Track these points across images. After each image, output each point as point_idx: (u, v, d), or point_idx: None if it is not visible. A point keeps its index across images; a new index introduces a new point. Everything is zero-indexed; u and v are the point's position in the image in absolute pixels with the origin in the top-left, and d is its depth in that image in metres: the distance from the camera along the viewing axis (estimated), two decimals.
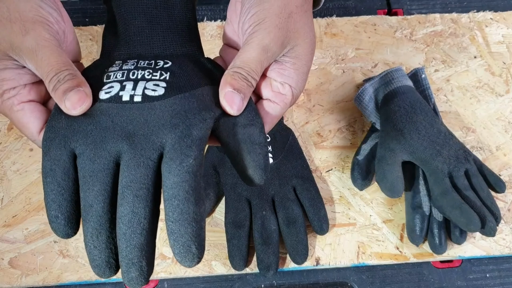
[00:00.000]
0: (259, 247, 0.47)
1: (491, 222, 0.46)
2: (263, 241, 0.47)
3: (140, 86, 0.31)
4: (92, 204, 0.28)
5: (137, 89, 0.31)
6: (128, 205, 0.28)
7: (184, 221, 0.28)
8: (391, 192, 0.49)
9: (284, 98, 0.35)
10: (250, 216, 0.49)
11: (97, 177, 0.29)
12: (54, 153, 0.29)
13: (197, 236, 0.28)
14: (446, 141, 0.50)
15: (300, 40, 0.34)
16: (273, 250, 0.47)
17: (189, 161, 0.29)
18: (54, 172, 0.29)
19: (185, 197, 0.28)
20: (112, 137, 0.30)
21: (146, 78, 0.32)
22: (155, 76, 0.32)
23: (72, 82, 0.31)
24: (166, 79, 0.32)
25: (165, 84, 0.31)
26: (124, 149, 0.29)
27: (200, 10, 0.67)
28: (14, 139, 0.56)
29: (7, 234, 0.51)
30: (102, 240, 0.28)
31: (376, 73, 0.60)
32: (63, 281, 0.48)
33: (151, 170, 0.29)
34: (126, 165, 0.29)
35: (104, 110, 0.31)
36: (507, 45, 0.63)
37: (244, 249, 0.48)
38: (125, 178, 0.29)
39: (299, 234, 0.48)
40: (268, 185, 0.50)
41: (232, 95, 0.32)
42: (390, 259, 0.50)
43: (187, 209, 0.28)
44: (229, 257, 0.48)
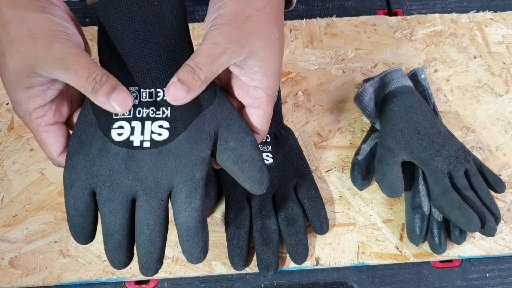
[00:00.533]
0: (259, 247, 0.47)
1: (491, 222, 0.46)
2: (263, 241, 0.47)
3: (147, 129, 0.35)
4: (113, 233, 0.35)
5: (145, 134, 0.35)
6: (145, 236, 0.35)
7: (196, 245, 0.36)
8: (391, 192, 0.49)
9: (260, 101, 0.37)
10: (250, 216, 0.49)
11: (116, 214, 0.35)
12: (76, 192, 0.35)
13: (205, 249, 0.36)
14: (445, 141, 0.50)
15: (261, 42, 0.35)
16: (273, 250, 0.47)
17: (196, 202, 0.35)
18: (77, 208, 0.35)
19: (195, 230, 0.35)
20: (126, 181, 0.35)
21: (150, 117, 0.35)
22: (158, 115, 0.36)
23: (111, 83, 0.32)
24: (167, 117, 0.36)
25: (168, 124, 0.35)
26: (138, 191, 0.35)
27: (200, 10, 0.67)
28: (14, 139, 0.56)
29: (7, 234, 0.51)
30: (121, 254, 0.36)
31: (376, 73, 0.60)
32: (63, 281, 0.48)
33: (163, 208, 0.35)
34: (142, 206, 0.35)
35: (118, 153, 0.35)
36: (507, 45, 0.63)
37: (244, 249, 0.48)
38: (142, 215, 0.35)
39: (299, 234, 0.48)
40: (270, 185, 0.50)
41: (174, 86, 0.33)
42: (390, 259, 0.50)
43: (197, 237, 0.35)
44: (229, 257, 0.48)
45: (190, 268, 0.49)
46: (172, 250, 0.50)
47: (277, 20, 0.37)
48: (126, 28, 0.35)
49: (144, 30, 0.35)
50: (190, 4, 0.68)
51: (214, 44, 0.34)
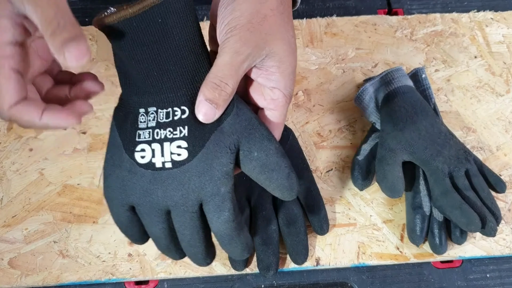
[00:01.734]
0: (259, 247, 0.47)
1: (492, 222, 0.46)
2: (263, 241, 0.47)
3: (166, 151, 0.35)
4: (157, 240, 0.39)
5: (165, 155, 0.35)
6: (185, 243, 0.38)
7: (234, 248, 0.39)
8: (391, 192, 0.48)
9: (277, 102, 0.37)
10: (250, 216, 0.49)
11: (155, 225, 0.37)
12: (116, 209, 0.38)
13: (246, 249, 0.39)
14: (446, 141, 0.50)
15: (278, 41, 0.35)
16: (273, 251, 0.47)
17: (224, 215, 0.36)
18: (122, 221, 0.39)
19: (229, 238, 0.37)
20: (156, 199, 0.36)
21: (168, 138, 0.35)
22: (175, 135, 0.35)
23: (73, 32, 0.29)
24: (185, 136, 0.35)
25: (186, 143, 0.35)
26: (170, 207, 0.37)
27: (200, 10, 0.67)
28: (13, 139, 0.56)
29: (7, 234, 0.51)
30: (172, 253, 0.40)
31: (376, 73, 0.60)
32: (62, 281, 0.48)
33: (196, 219, 0.37)
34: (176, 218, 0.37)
35: (144, 175, 0.36)
36: (508, 45, 0.63)
37: None
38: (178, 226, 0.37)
39: (299, 235, 0.48)
40: None
41: (203, 105, 0.34)
42: (390, 259, 0.50)
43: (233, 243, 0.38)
44: (229, 257, 0.48)
45: (190, 269, 0.49)
46: None
47: (290, 19, 0.36)
48: (135, 51, 0.34)
49: (153, 50, 0.34)
50: None
51: (235, 53, 0.33)
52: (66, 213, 0.52)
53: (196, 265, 0.49)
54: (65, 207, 0.52)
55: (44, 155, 0.55)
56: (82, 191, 0.53)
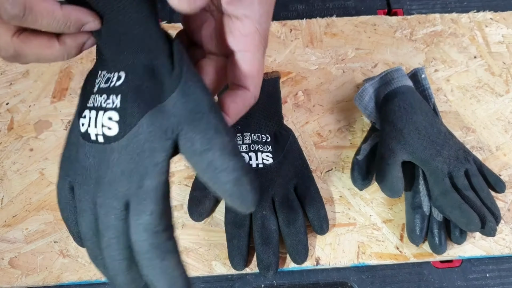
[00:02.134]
0: (259, 247, 0.47)
1: (491, 222, 0.46)
2: (263, 241, 0.47)
3: (99, 121, 0.30)
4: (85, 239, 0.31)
5: (98, 126, 0.30)
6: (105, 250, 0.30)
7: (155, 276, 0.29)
8: (391, 192, 0.49)
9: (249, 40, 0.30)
10: (250, 216, 0.49)
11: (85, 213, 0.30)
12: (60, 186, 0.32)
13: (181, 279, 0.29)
14: (446, 141, 0.50)
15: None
16: (273, 250, 0.47)
17: (144, 218, 0.28)
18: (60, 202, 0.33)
19: (148, 253, 0.28)
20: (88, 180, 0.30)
21: (102, 107, 0.30)
22: (108, 104, 0.30)
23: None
24: (117, 108, 0.29)
25: (117, 115, 0.29)
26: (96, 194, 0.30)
27: None
28: (14, 139, 0.56)
29: (7, 234, 0.51)
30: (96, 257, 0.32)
31: (376, 73, 0.60)
32: (63, 281, 0.48)
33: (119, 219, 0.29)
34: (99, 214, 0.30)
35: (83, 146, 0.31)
36: (507, 45, 0.63)
37: (244, 249, 0.48)
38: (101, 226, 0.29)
39: (299, 234, 0.48)
40: (268, 184, 0.50)
41: None
42: (390, 259, 0.50)
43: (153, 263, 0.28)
44: (229, 257, 0.48)
45: (190, 268, 0.49)
46: None
47: None
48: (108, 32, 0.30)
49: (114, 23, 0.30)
50: None
51: None
52: None
53: (196, 265, 0.49)
54: None
55: (45, 155, 0.55)
56: None
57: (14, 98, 0.59)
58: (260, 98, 0.34)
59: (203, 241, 0.50)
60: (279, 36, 0.64)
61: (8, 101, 0.58)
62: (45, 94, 0.59)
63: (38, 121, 0.57)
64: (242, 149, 0.52)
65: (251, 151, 0.52)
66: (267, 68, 0.61)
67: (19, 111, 0.58)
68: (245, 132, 0.53)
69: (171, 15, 0.67)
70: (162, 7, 0.68)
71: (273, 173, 0.51)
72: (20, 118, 0.57)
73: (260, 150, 0.52)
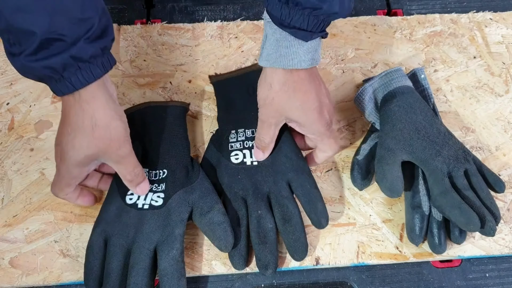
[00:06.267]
0: (256, 247, 0.47)
1: (491, 222, 0.46)
2: (260, 240, 0.47)
3: (148, 197, 0.50)
4: (110, 273, 0.45)
5: (147, 200, 0.49)
6: (132, 277, 0.45)
7: None
8: (390, 192, 0.49)
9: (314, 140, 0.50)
10: (247, 215, 0.49)
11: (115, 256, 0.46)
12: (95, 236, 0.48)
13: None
14: (445, 141, 0.50)
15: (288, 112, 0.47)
16: (270, 249, 0.47)
17: (173, 252, 0.46)
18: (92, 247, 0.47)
19: (171, 276, 0.45)
20: (128, 232, 0.47)
21: (152, 190, 0.50)
22: (157, 189, 0.50)
23: (141, 178, 0.49)
24: (163, 190, 0.50)
25: (163, 194, 0.49)
26: (134, 242, 0.47)
27: (200, 10, 0.67)
28: (14, 139, 0.56)
29: (8, 234, 0.51)
30: None
31: (375, 73, 0.60)
32: (63, 281, 0.48)
33: (149, 257, 0.46)
34: (134, 253, 0.46)
35: (127, 212, 0.49)
36: (507, 45, 0.63)
37: (243, 248, 0.48)
38: (132, 261, 0.46)
39: (296, 232, 0.47)
40: (263, 183, 0.50)
41: (255, 149, 0.52)
42: (390, 259, 0.50)
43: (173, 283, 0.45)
44: (229, 256, 0.48)
45: (190, 268, 0.49)
46: None
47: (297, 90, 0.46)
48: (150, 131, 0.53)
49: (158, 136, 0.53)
50: (190, 4, 0.68)
51: (261, 121, 0.49)
52: (67, 213, 0.52)
53: (196, 265, 0.49)
54: (66, 207, 0.52)
55: (45, 155, 0.55)
56: None
57: (15, 98, 0.59)
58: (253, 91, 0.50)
59: (203, 241, 0.51)
60: None
61: (9, 101, 0.58)
62: (46, 94, 0.59)
63: (39, 121, 0.57)
64: (237, 147, 0.53)
65: (245, 149, 0.52)
66: None
67: (20, 111, 0.58)
68: (239, 128, 0.54)
69: (171, 15, 0.67)
70: (162, 8, 0.68)
71: (268, 170, 0.51)
72: (20, 118, 0.57)
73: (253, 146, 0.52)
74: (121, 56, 0.62)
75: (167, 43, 0.63)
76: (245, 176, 0.51)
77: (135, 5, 0.68)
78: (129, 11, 0.67)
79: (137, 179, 0.48)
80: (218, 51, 0.63)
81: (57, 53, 0.40)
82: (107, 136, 0.44)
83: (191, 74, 0.61)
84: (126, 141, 0.46)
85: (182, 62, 0.62)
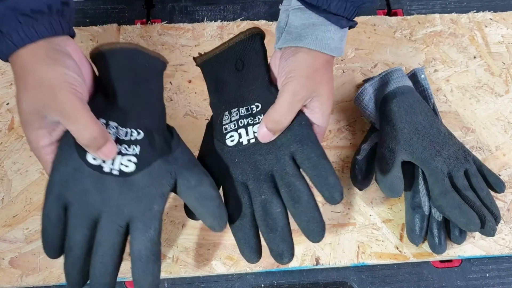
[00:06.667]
0: (266, 236, 0.42)
1: (491, 222, 0.46)
2: (269, 228, 0.42)
3: (117, 162, 0.41)
4: (72, 248, 0.39)
5: (115, 164, 0.41)
6: (98, 257, 0.39)
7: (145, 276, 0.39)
8: (390, 192, 0.49)
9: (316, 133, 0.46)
10: (250, 202, 0.43)
11: (78, 229, 0.39)
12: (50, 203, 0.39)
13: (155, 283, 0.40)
14: (445, 141, 0.50)
15: (324, 88, 0.44)
16: (282, 236, 0.42)
17: (150, 233, 0.39)
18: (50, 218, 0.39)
19: (146, 260, 0.39)
20: (93, 200, 0.40)
21: (122, 153, 0.41)
22: (128, 151, 0.41)
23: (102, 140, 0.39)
24: (136, 154, 0.41)
25: (136, 159, 0.41)
26: (102, 213, 0.40)
27: (200, 11, 0.67)
28: (14, 139, 0.56)
29: (8, 234, 0.51)
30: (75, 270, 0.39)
31: (375, 73, 0.60)
32: (63, 281, 0.48)
33: (119, 234, 0.39)
34: (101, 227, 0.39)
35: (90, 175, 0.40)
36: (507, 45, 0.63)
37: (252, 240, 0.43)
38: (99, 236, 0.39)
39: (309, 212, 0.41)
40: (264, 162, 0.44)
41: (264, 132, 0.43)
42: (390, 259, 0.50)
43: (148, 268, 0.39)
44: (240, 251, 0.43)
45: (190, 268, 0.49)
46: (171, 250, 0.50)
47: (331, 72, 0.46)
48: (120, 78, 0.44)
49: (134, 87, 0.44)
50: (190, 4, 0.68)
51: (293, 94, 0.43)
52: None
53: (196, 265, 0.49)
54: None
55: None
56: None
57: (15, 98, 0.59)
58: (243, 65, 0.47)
59: (203, 241, 0.51)
60: None
61: (9, 101, 0.58)
62: None
63: None
64: (231, 128, 0.46)
65: (240, 127, 0.45)
66: None
67: None
68: (232, 108, 0.47)
69: (171, 15, 0.67)
70: (162, 8, 0.68)
71: (268, 146, 0.44)
72: None
73: (250, 123, 0.45)
74: None
75: (167, 43, 0.63)
76: (243, 158, 0.44)
77: (135, 5, 0.68)
78: (129, 11, 0.67)
79: (96, 142, 0.39)
80: None
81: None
82: (37, 82, 0.38)
83: (191, 74, 0.61)
84: (65, 87, 0.38)
85: (182, 62, 0.62)
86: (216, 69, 0.48)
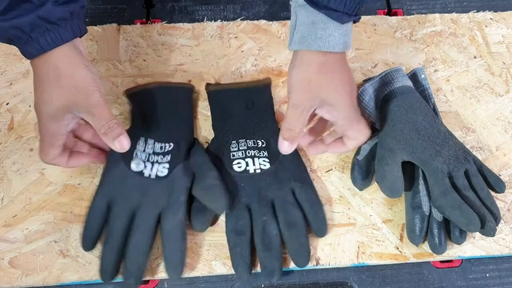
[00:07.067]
0: (261, 253, 0.47)
1: (491, 222, 0.46)
2: (265, 247, 0.47)
3: (155, 168, 0.51)
4: (112, 233, 0.47)
5: (153, 171, 0.51)
6: (136, 236, 0.47)
7: (176, 251, 0.47)
8: (391, 192, 0.49)
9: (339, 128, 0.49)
10: (250, 222, 0.49)
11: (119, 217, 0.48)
12: (99, 200, 0.49)
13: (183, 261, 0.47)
14: (445, 141, 0.50)
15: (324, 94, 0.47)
16: (276, 255, 0.47)
17: (179, 216, 0.48)
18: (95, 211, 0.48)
19: (176, 236, 0.47)
20: (134, 197, 0.49)
21: (158, 161, 0.52)
22: (163, 160, 0.52)
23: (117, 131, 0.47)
24: (168, 161, 0.52)
25: (168, 165, 0.51)
26: (140, 204, 0.49)
27: (200, 10, 0.67)
28: (14, 139, 0.56)
29: (7, 234, 0.51)
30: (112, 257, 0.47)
31: (376, 73, 0.60)
32: (63, 281, 0.48)
33: (154, 219, 0.48)
34: (139, 216, 0.48)
35: (132, 178, 0.50)
36: (507, 45, 0.63)
37: (247, 256, 0.47)
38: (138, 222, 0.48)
39: (300, 237, 0.48)
40: (267, 189, 0.50)
41: (282, 143, 0.49)
42: (390, 259, 0.50)
43: (177, 245, 0.47)
44: (233, 265, 0.48)
45: (190, 268, 0.49)
46: None
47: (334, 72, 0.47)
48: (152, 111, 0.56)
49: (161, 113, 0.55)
50: (190, 4, 0.68)
51: (294, 107, 0.47)
52: (66, 213, 0.52)
53: (196, 265, 0.49)
54: (66, 207, 0.52)
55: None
56: (82, 191, 0.53)
57: (14, 98, 0.59)
58: (253, 105, 0.56)
59: (203, 241, 0.51)
60: (279, 36, 0.64)
61: (8, 101, 0.58)
62: None
63: None
64: (239, 155, 0.53)
65: (248, 157, 0.53)
66: (267, 69, 0.61)
67: (19, 111, 0.58)
68: (240, 139, 0.54)
69: (171, 15, 0.67)
70: (162, 7, 0.68)
71: (271, 178, 0.51)
72: (20, 118, 0.57)
73: (256, 155, 0.53)
74: (121, 56, 0.62)
75: (167, 43, 0.63)
76: (249, 183, 0.51)
77: (135, 5, 0.68)
78: (129, 11, 0.67)
79: (112, 132, 0.46)
80: (218, 51, 0.62)
81: (25, 14, 0.42)
82: (72, 85, 0.45)
83: (191, 74, 0.61)
84: (94, 90, 0.46)
85: (182, 62, 0.62)
86: (225, 101, 0.57)
